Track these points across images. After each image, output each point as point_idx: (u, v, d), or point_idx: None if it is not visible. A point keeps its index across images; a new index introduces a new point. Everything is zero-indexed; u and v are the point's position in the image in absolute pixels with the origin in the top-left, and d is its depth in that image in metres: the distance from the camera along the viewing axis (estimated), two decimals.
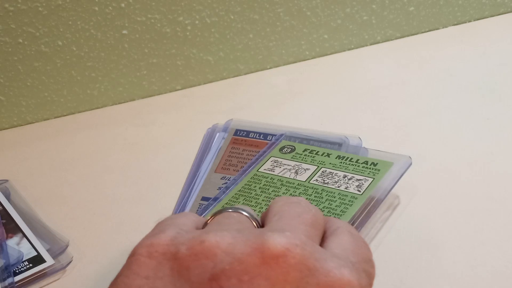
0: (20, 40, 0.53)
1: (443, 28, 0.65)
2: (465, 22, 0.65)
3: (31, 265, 0.39)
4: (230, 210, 0.26)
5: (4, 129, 0.57)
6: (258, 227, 0.25)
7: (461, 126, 0.50)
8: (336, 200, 0.38)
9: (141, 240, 0.24)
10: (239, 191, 0.40)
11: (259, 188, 0.40)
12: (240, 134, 0.49)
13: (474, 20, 0.65)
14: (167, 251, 0.22)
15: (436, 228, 0.39)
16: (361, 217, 0.37)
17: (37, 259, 0.40)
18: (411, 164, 0.41)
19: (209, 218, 0.26)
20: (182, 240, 0.22)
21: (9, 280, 0.37)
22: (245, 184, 0.41)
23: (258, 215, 0.27)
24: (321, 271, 0.21)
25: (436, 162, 0.46)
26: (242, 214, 0.26)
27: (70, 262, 0.40)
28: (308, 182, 0.40)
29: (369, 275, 0.24)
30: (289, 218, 0.24)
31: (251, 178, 0.41)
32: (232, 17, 0.57)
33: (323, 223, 0.26)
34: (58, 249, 0.41)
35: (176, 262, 0.22)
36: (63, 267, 0.40)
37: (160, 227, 0.24)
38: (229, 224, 0.24)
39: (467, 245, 0.38)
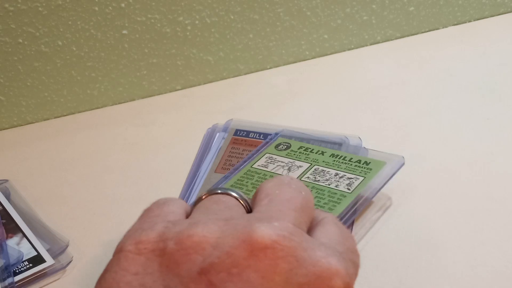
0: (20, 40, 0.53)
1: (443, 28, 0.65)
2: (465, 22, 0.65)
3: (31, 265, 0.39)
4: (219, 192, 0.26)
5: (4, 129, 0.57)
6: (247, 208, 0.25)
7: (461, 126, 0.50)
8: (325, 198, 0.38)
9: (128, 233, 0.24)
10: (231, 186, 0.40)
11: (251, 184, 0.40)
12: (240, 134, 0.49)
13: (474, 20, 0.65)
14: (156, 247, 0.22)
15: (436, 228, 0.39)
16: (348, 215, 0.37)
17: (37, 259, 0.40)
18: (403, 164, 0.41)
19: (198, 199, 0.26)
20: (170, 235, 0.22)
21: (9, 280, 0.38)
22: (238, 180, 0.41)
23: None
24: (309, 261, 0.21)
25: (436, 162, 0.46)
26: (231, 195, 0.25)
27: (70, 262, 0.40)
28: (300, 179, 0.40)
29: (355, 265, 0.24)
30: (278, 203, 0.24)
31: (244, 174, 0.42)
32: (232, 17, 0.57)
33: (312, 205, 0.26)
34: (58, 249, 0.41)
35: (165, 257, 0.21)
36: (63, 267, 0.40)
37: (147, 220, 0.24)
38: (218, 211, 0.24)
39: (467, 245, 0.38)
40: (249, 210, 0.25)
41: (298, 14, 0.59)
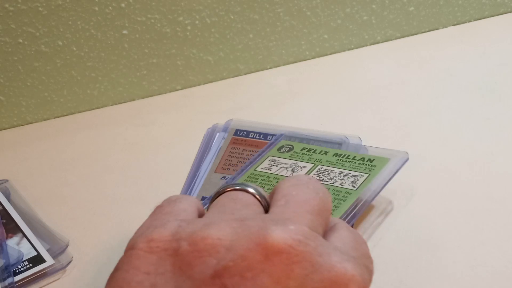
0: (20, 40, 0.53)
1: (443, 28, 0.65)
2: (465, 22, 0.65)
3: (31, 265, 0.39)
4: (237, 188, 0.25)
5: (4, 129, 0.57)
6: (265, 206, 0.25)
7: (461, 126, 0.50)
8: None
9: (140, 231, 0.23)
10: None
11: None
12: (240, 134, 0.49)
13: (474, 20, 0.65)
14: (168, 247, 0.22)
15: (436, 228, 0.39)
16: (354, 212, 0.37)
17: (37, 259, 0.40)
18: (407, 159, 0.41)
19: (216, 194, 0.25)
20: (184, 235, 0.22)
21: (9, 280, 0.37)
22: None
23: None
24: (325, 267, 0.21)
25: (436, 162, 0.46)
26: (250, 192, 0.25)
27: (70, 262, 0.40)
28: None
29: (369, 271, 0.24)
30: (295, 205, 0.24)
31: (247, 177, 0.41)
32: (232, 17, 0.57)
33: (329, 207, 0.25)
34: (58, 249, 0.41)
35: (177, 258, 0.21)
36: (63, 267, 0.40)
37: (160, 218, 0.24)
38: (234, 210, 0.24)
39: (467, 245, 0.38)
40: (267, 208, 0.25)
41: (298, 14, 0.59)
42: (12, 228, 0.42)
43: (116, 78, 0.57)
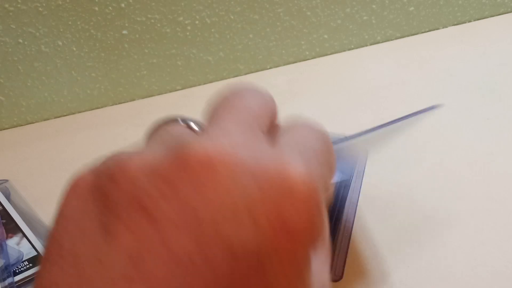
0: (20, 40, 0.53)
1: (443, 28, 0.65)
2: (465, 22, 0.65)
3: (31, 265, 0.39)
4: (174, 121, 0.23)
5: (4, 129, 0.57)
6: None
7: (461, 126, 0.50)
8: None
9: (72, 178, 0.22)
10: None
11: None
12: None
13: (474, 20, 0.65)
14: (90, 185, 0.20)
15: (436, 228, 0.39)
16: None
17: (37, 259, 0.40)
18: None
19: (150, 131, 0.24)
20: (103, 169, 0.20)
21: (9, 280, 0.37)
22: None
23: None
24: (261, 173, 0.18)
25: (436, 162, 0.46)
26: (183, 124, 0.23)
27: None
28: None
29: (329, 166, 0.21)
30: (224, 112, 0.21)
31: None
32: (232, 17, 0.57)
33: (272, 106, 0.22)
34: None
35: (98, 194, 0.20)
36: None
37: (96, 165, 0.22)
38: (163, 140, 0.22)
39: (467, 245, 0.38)
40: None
41: (298, 14, 0.59)
42: (12, 228, 0.42)
43: (116, 78, 0.57)
